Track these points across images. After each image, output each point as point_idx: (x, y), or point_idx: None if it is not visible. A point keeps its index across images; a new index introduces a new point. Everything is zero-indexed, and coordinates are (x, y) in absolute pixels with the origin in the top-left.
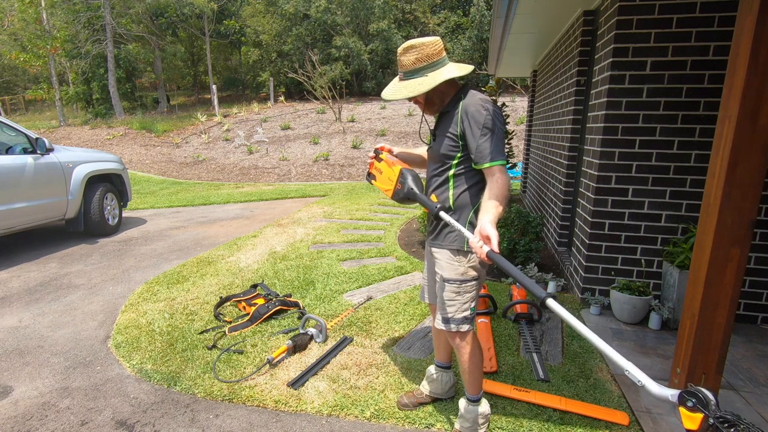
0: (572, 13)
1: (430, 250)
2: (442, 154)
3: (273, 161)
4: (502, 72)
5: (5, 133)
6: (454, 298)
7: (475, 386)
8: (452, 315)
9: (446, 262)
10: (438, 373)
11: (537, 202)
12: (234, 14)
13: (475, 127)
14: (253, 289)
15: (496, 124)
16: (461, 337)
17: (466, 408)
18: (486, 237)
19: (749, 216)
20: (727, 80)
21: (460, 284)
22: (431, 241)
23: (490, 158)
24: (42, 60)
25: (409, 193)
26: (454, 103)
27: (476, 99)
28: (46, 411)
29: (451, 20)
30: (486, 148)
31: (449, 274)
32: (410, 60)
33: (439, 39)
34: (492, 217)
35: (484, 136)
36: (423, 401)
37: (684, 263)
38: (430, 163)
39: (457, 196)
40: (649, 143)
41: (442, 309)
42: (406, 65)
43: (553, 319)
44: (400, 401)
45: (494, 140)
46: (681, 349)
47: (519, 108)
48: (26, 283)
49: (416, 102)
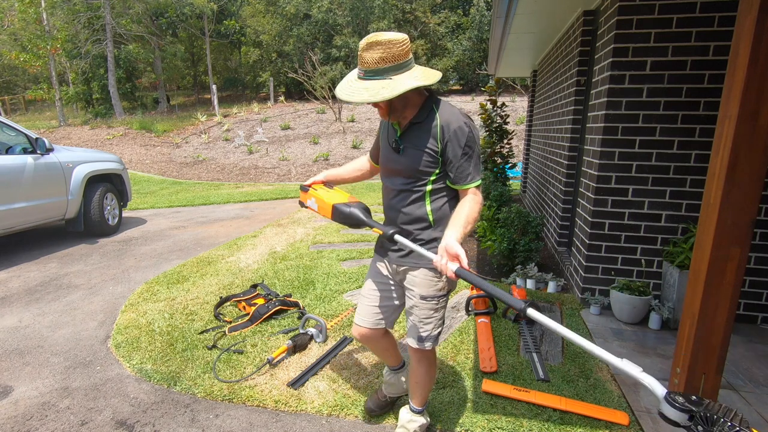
0: (572, 13)
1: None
2: (416, 170)
3: (273, 161)
4: (502, 72)
5: (5, 133)
6: (432, 315)
7: (424, 398)
8: (429, 333)
9: (424, 278)
10: (395, 375)
11: (537, 202)
12: (234, 14)
13: (457, 146)
14: (253, 289)
15: (476, 142)
16: (429, 354)
17: (409, 418)
18: (455, 256)
19: (749, 216)
20: (727, 80)
21: (438, 300)
22: (401, 259)
23: (470, 179)
24: (42, 60)
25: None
26: (426, 114)
27: (456, 114)
28: (46, 411)
29: (451, 20)
30: (467, 168)
31: (428, 291)
32: (374, 58)
33: (406, 37)
34: (459, 235)
35: (465, 155)
36: (388, 403)
37: (684, 263)
38: (393, 177)
39: (436, 210)
40: (649, 143)
41: (420, 328)
42: (368, 63)
43: (553, 319)
44: (366, 406)
45: (474, 160)
46: (681, 349)
47: (519, 108)
48: (26, 283)
49: (376, 106)
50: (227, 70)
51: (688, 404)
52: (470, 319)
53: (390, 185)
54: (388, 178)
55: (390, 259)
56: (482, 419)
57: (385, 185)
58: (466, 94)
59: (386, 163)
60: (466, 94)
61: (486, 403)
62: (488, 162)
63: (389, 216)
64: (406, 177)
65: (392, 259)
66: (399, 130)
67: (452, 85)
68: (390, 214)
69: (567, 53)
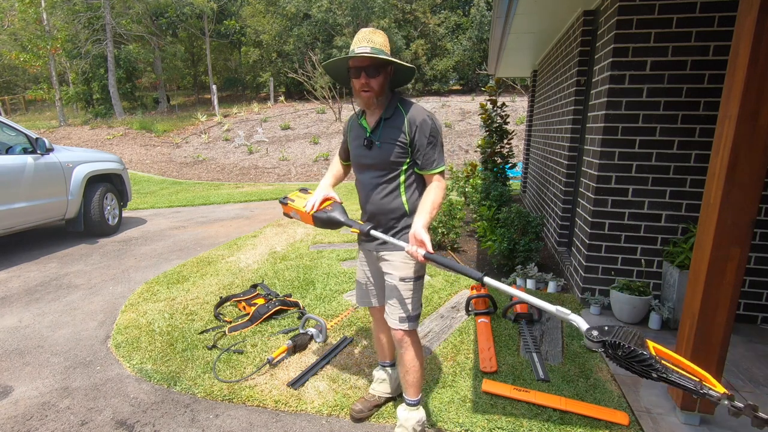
0: (572, 13)
1: (376, 255)
2: (390, 161)
3: (273, 161)
4: (502, 72)
5: (5, 133)
6: (411, 296)
7: (417, 388)
8: (410, 313)
9: (401, 261)
10: (385, 372)
11: (537, 202)
12: (234, 14)
13: (423, 136)
14: (253, 289)
15: (439, 132)
16: (411, 336)
17: (406, 416)
18: (420, 242)
19: (749, 216)
20: (727, 80)
21: (414, 281)
22: (379, 246)
23: (435, 165)
24: (42, 60)
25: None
26: (393, 110)
27: (420, 110)
28: (46, 411)
29: (451, 20)
30: (432, 155)
31: (405, 273)
32: (381, 41)
33: None
34: (426, 221)
35: (430, 144)
36: (377, 403)
37: (684, 263)
38: (366, 171)
39: (412, 201)
40: (649, 143)
41: (400, 308)
42: (376, 43)
43: (552, 319)
44: (354, 408)
45: (438, 148)
46: (681, 349)
47: (519, 108)
48: (26, 283)
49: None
50: (227, 70)
51: (600, 337)
52: (470, 319)
53: (364, 180)
54: (362, 173)
55: (370, 247)
56: (482, 419)
57: (360, 181)
58: (466, 94)
59: (358, 160)
60: (466, 94)
61: (486, 403)
62: (488, 162)
63: (368, 210)
64: (379, 170)
65: (372, 248)
66: (368, 128)
67: (452, 85)
68: (368, 208)
69: (567, 53)
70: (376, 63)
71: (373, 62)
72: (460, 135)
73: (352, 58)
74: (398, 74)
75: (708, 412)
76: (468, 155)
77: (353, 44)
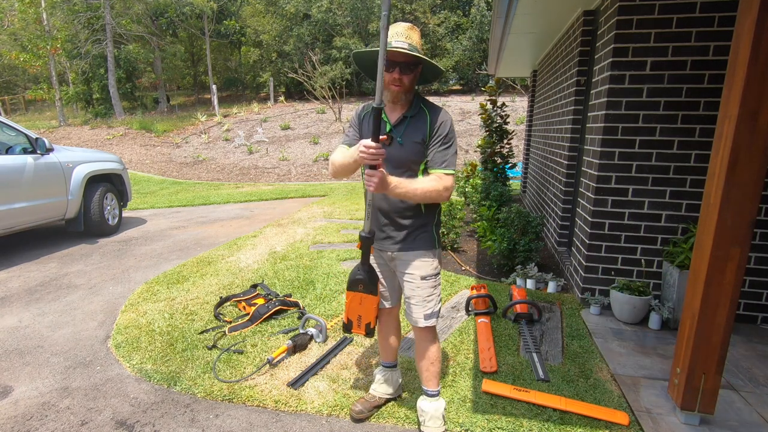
0: (572, 13)
1: (390, 256)
2: (410, 160)
3: (273, 161)
4: (502, 72)
5: (5, 133)
6: (433, 293)
7: (437, 379)
8: (433, 309)
9: (420, 261)
10: (388, 373)
11: (537, 202)
12: (234, 14)
13: (443, 136)
14: (253, 289)
15: (455, 136)
16: (433, 332)
17: (436, 405)
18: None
19: (749, 216)
20: (727, 80)
21: (435, 278)
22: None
23: (444, 165)
24: (42, 60)
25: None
26: (416, 108)
27: (442, 111)
28: (46, 411)
29: (451, 20)
30: (445, 155)
31: (426, 272)
32: (417, 39)
33: None
34: (398, 183)
35: (446, 144)
36: (377, 404)
37: (684, 263)
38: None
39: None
40: (649, 143)
41: (423, 306)
42: (415, 41)
43: (553, 319)
44: (354, 409)
45: (452, 150)
46: (681, 349)
47: (519, 108)
48: (26, 283)
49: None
50: (227, 70)
51: None
52: (470, 319)
53: None
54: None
55: (384, 248)
56: (482, 419)
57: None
58: (466, 94)
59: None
60: (466, 94)
61: (486, 403)
62: (488, 162)
63: (380, 206)
64: (396, 167)
65: (386, 248)
66: (390, 124)
67: (452, 85)
68: (381, 204)
69: (567, 53)
70: (411, 61)
71: (409, 60)
72: (460, 135)
73: (389, 51)
74: (424, 74)
75: (708, 412)
76: (468, 155)
77: (390, 36)
